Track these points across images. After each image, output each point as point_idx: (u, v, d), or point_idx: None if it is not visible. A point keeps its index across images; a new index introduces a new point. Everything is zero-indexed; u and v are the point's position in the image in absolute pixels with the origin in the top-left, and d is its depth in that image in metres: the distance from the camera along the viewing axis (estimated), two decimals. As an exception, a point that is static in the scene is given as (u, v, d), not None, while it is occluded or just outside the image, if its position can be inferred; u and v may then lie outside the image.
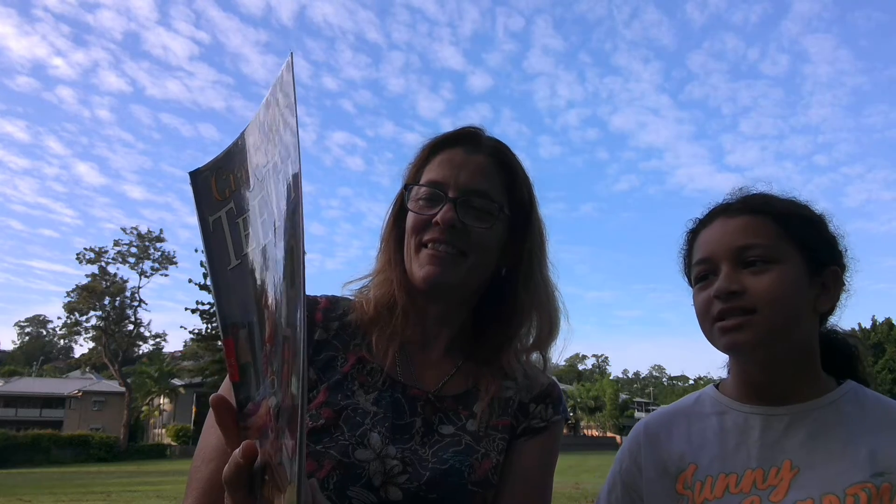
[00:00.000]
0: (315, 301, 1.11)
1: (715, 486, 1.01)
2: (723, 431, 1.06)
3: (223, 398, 0.61)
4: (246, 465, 0.56)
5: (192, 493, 0.89)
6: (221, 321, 0.60)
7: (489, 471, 0.99)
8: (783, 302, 0.98)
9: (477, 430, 1.02)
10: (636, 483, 1.12)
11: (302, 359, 0.53)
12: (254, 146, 0.61)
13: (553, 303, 1.11)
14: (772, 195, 1.09)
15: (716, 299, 1.01)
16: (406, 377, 1.05)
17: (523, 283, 1.09)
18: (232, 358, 0.60)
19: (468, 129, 1.10)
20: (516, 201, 1.08)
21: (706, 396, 1.14)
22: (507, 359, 1.08)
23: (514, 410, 1.07)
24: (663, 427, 1.13)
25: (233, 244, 0.60)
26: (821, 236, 1.06)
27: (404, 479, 0.93)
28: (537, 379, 1.11)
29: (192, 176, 0.63)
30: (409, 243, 1.05)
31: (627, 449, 1.16)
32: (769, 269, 0.99)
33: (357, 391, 1.01)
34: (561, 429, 1.11)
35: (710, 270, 1.04)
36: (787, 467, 0.98)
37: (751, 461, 1.01)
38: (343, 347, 1.05)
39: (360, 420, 0.97)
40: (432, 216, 1.02)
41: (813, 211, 1.08)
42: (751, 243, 1.01)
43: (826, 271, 1.04)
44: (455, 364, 1.08)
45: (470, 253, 1.02)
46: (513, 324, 1.09)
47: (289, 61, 0.58)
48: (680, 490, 1.05)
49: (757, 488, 0.98)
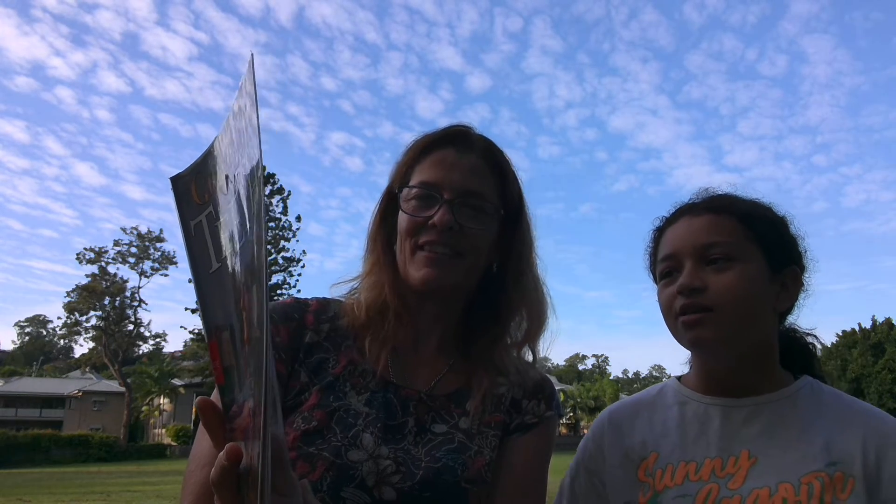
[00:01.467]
0: (306, 303, 1.10)
1: (675, 474, 1.04)
2: (684, 421, 1.10)
3: (208, 401, 0.61)
4: (231, 467, 0.56)
5: (186, 497, 0.89)
6: (205, 324, 0.60)
7: (483, 468, 0.99)
8: (743, 299, 1.01)
9: (470, 427, 1.02)
10: (599, 469, 1.14)
11: (264, 361, 0.52)
12: (227, 149, 0.62)
13: (541, 297, 1.12)
14: (736, 196, 1.12)
15: (679, 295, 1.03)
16: (398, 377, 1.04)
17: (514, 281, 1.09)
18: (216, 360, 0.59)
19: (458, 127, 1.09)
20: (508, 200, 1.09)
21: (669, 388, 1.17)
22: (499, 354, 1.08)
23: (507, 407, 1.07)
24: (627, 416, 1.16)
25: (213, 247, 0.61)
26: (782, 237, 1.09)
27: (397, 478, 0.93)
28: (529, 374, 1.11)
29: (174, 181, 0.63)
30: (404, 246, 1.04)
31: (592, 437, 1.19)
32: (731, 267, 1.02)
33: (349, 392, 1.00)
34: (555, 425, 1.11)
35: (674, 267, 1.07)
36: (745, 457, 1.01)
37: (710, 450, 1.04)
38: (334, 349, 1.05)
39: (352, 421, 0.97)
40: (427, 218, 1.01)
41: (775, 212, 1.11)
42: (714, 241, 1.04)
43: (786, 271, 1.07)
44: (447, 363, 1.08)
45: (467, 254, 1.02)
46: (503, 320, 1.09)
47: (250, 61, 0.59)
48: (641, 477, 1.08)
49: (716, 476, 1.01)
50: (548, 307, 1.13)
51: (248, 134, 0.58)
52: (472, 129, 1.10)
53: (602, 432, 1.17)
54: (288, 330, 1.04)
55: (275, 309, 1.06)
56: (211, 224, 0.61)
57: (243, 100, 0.60)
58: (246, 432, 0.56)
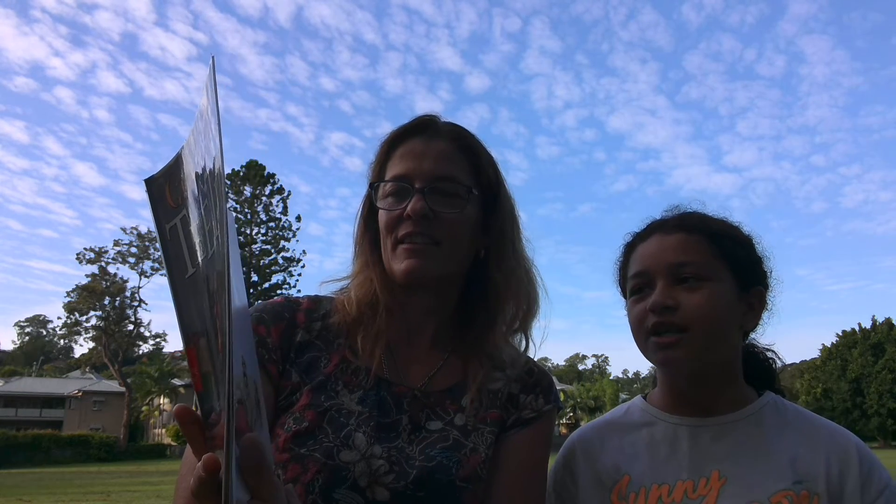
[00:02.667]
0: (297, 302, 1.09)
1: (649, 496, 1.05)
2: (653, 443, 1.11)
3: (186, 409, 0.60)
4: (208, 477, 0.55)
5: (177, 501, 0.87)
6: (182, 331, 0.59)
7: (478, 466, 0.97)
8: (714, 318, 1.03)
9: (465, 423, 1.01)
10: (571, 496, 1.13)
11: (227, 367, 0.52)
12: (197, 153, 0.61)
13: (530, 279, 1.10)
14: (706, 215, 1.14)
15: (651, 312, 1.04)
16: (391, 374, 1.03)
17: (496, 263, 1.08)
18: (195, 368, 0.58)
19: (423, 117, 1.08)
20: (483, 182, 1.07)
21: (635, 408, 1.18)
22: (491, 342, 1.07)
23: (504, 402, 1.05)
24: (596, 439, 1.16)
25: (188, 251, 0.60)
26: (749, 257, 1.11)
27: (391, 478, 0.92)
28: (525, 366, 1.10)
29: (147, 183, 0.62)
30: (385, 242, 1.03)
31: (562, 463, 1.18)
32: (702, 287, 1.03)
33: (341, 391, 0.99)
34: (553, 418, 1.10)
35: (645, 284, 1.08)
36: (716, 477, 1.03)
37: (681, 472, 1.05)
38: (326, 348, 1.04)
39: (344, 421, 0.95)
40: (402, 210, 1.00)
41: (742, 232, 1.13)
42: (686, 260, 1.05)
43: (753, 290, 1.10)
44: (441, 358, 1.07)
45: (443, 240, 1.01)
46: (492, 305, 1.07)
47: (211, 65, 0.58)
48: (615, 501, 1.08)
49: (688, 497, 1.03)
50: (537, 287, 1.11)
51: (209, 137, 0.58)
52: (438, 117, 1.09)
53: (572, 457, 1.16)
54: (279, 329, 1.03)
55: (265, 308, 1.05)
56: (185, 228, 0.60)
57: (205, 103, 0.60)
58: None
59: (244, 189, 43.98)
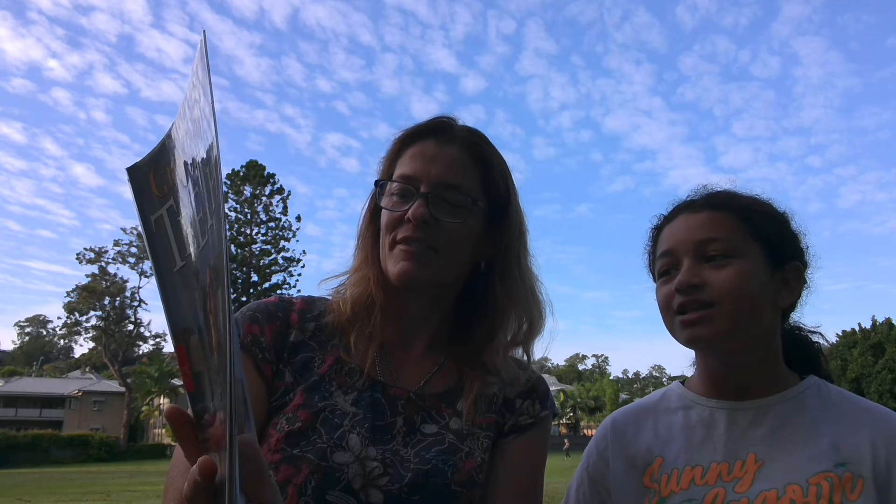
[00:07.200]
0: (290, 302, 1.07)
1: (681, 479, 1.03)
2: (688, 426, 1.08)
3: (178, 409, 0.56)
4: (204, 482, 0.52)
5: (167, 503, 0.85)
6: (171, 327, 0.55)
7: (473, 470, 0.96)
8: (742, 295, 0.99)
9: (461, 428, 0.99)
10: (604, 478, 1.12)
11: (227, 367, 0.49)
12: (185, 139, 0.58)
13: (535, 296, 1.08)
14: (735, 192, 1.10)
15: (677, 293, 1.01)
16: (386, 376, 1.02)
17: (499, 277, 1.06)
18: (185, 366, 0.55)
19: (440, 119, 1.06)
20: (492, 193, 1.05)
21: (672, 392, 1.16)
22: (489, 355, 1.05)
23: (500, 407, 1.04)
24: (630, 422, 1.14)
25: (177, 244, 0.56)
26: (783, 233, 1.07)
27: (385, 481, 0.91)
28: (522, 374, 1.08)
29: (130, 172, 0.58)
30: (384, 241, 1.02)
31: (595, 445, 1.17)
32: (730, 263, 1.00)
33: (335, 392, 0.98)
34: (549, 424, 1.09)
35: (672, 265, 1.05)
36: (752, 460, 1.00)
37: (716, 454, 1.02)
38: (320, 348, 1.02)
39: (338, 422, 0.94)
40: (404, 212, 0.99)
41: (775, 208, 1.09)
42: (712, 237, 1.02)
43: (788, 267, 1.05)
44: (437, 362, 1.05)
45: (441, 248, 0.99)
46: (491, 318, 1.05)
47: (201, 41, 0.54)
48: (647, 483, 1.06)
49: (722, 480, 1.00)
50: (543, 306, 1.08)
51: (203, 122, 0.54)
52: (456, 120, 1.07)
53: (605, 440, 1.15)
54: (272, 329, 1.01)
55: (259, 308, 1.04)
56: (173, 218, 0.57)
57: (196, 90, 0.56)
58: (220, 443, 0.52)
59: (244, 189, 43.91)
